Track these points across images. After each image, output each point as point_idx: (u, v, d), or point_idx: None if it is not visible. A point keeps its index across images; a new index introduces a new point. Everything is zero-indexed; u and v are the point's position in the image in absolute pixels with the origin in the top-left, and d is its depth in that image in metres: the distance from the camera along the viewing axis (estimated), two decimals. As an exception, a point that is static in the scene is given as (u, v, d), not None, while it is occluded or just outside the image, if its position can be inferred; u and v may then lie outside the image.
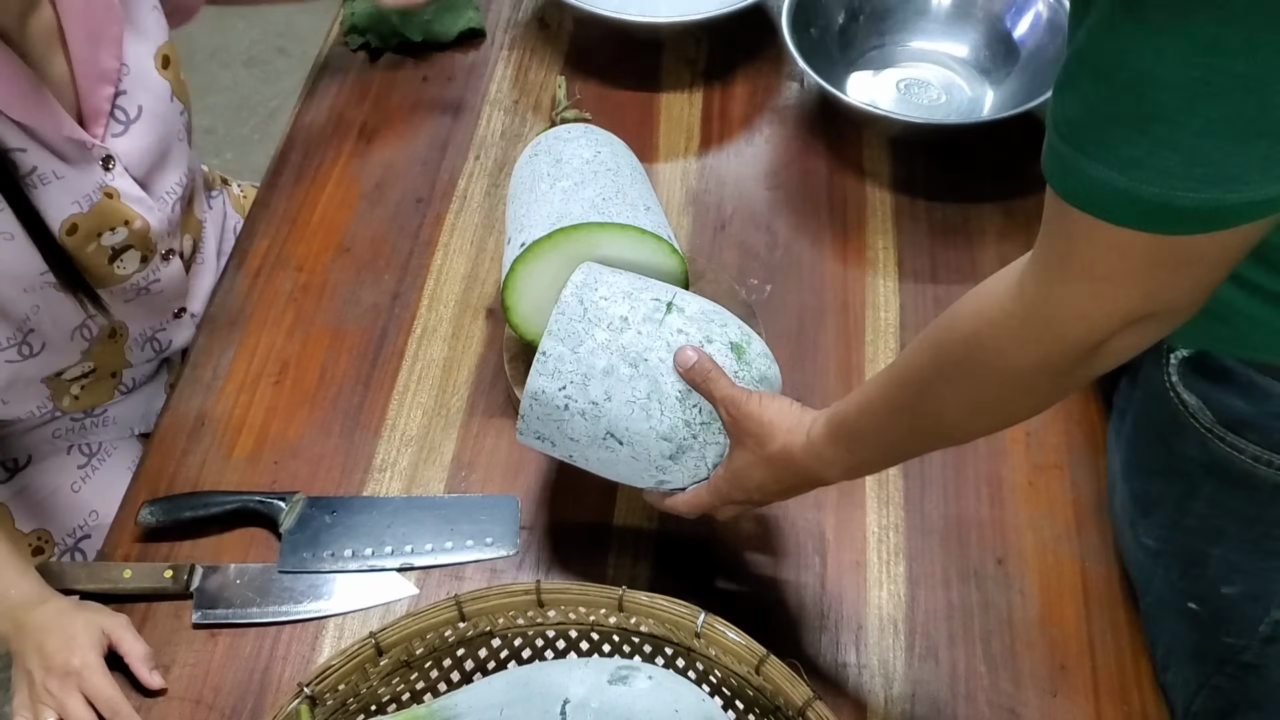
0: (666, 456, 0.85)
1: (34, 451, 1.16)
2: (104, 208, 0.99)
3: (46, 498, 1.16)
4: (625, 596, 0.80)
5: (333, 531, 1.00)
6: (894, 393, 0.74)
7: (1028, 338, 0.63)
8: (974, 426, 0.73)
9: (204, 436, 1.07)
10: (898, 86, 1.35)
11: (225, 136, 2.62)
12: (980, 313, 0.66)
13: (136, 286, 1.08)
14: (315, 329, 1.15)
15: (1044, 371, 0.64)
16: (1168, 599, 0.86)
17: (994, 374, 0.66)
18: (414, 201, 1.26)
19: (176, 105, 1.06)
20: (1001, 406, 0.69)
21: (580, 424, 0.86)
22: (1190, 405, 0.77)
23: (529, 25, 1.45)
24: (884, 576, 0.97)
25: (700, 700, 0.76)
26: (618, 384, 0.85)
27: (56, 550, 1.16)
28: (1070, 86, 0.54)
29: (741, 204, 1.25)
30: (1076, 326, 0.60)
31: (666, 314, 0.87)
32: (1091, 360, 0.62)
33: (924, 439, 0.77)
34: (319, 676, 0.78)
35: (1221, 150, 0.50)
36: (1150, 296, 0.58)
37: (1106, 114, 0.52)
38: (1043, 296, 0.61)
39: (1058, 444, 1.05)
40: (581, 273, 0.89)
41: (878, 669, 0.92)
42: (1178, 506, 0.82)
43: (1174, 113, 0.49)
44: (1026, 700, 0.90)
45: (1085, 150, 0.53)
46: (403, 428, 1.07)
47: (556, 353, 0.86)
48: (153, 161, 1.04)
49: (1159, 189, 0.52)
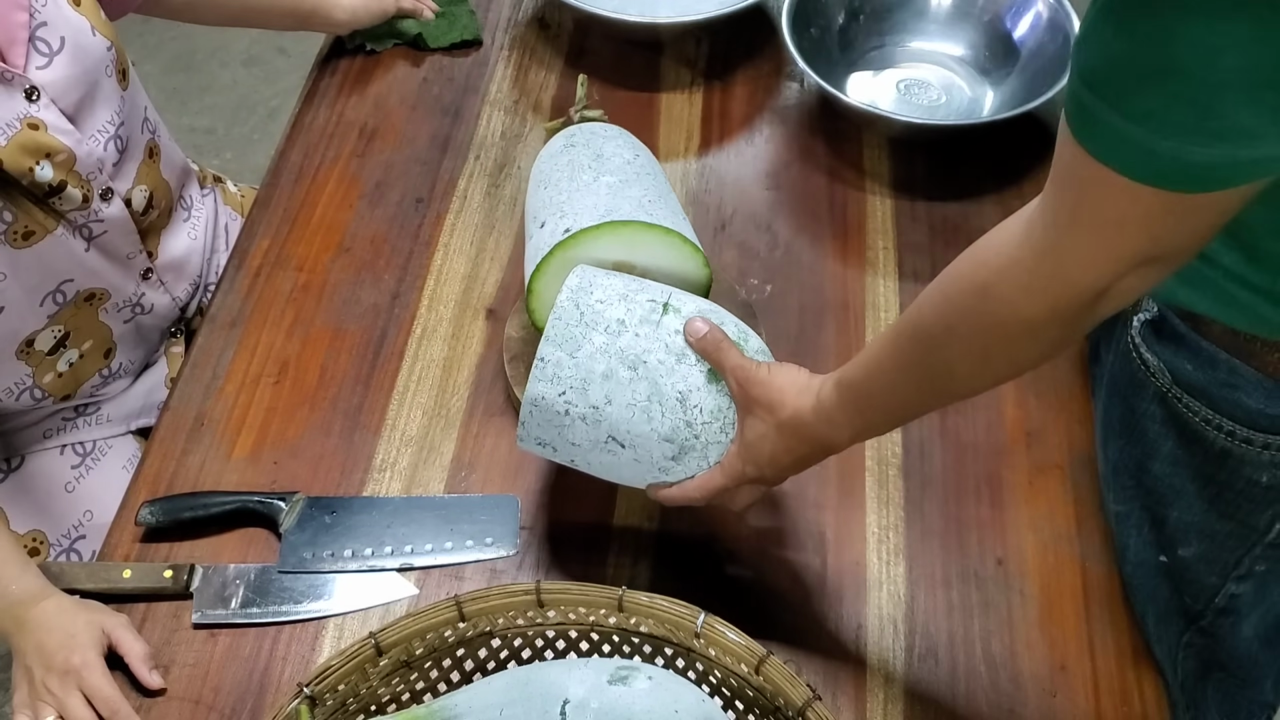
0: (669, 458, 0.85)
1: (27, 452, 1.15)
2: (25, 139, 0.97)
3: (41, 498, 1.16)
4: (625, 597, 0.80)
5: (332, 532, 1.00)
6: (902, 350, 0.74)
7: (1036, 286, 0.63)
8: (983, 378, 0.73)
9: (204, 436, 1.07)
10: (898, 87, 1.35)
11: (225, 136, 2.62)
12: (987, 263, 0.66)
13: (78, 225, 1.06)
14: (315, 329, 1.15)
15: (1053, 319, 0.64)
16: (1143, 557, 0.89)
17: (1002, 324, 0.66)
18: (414, 201, 1.26)
19: (101, 40, 1.05)
20: (1010, 356, 0.70)
21: (581, 429, 0.86)
22: (1151, 365, 0.80)
23: (529, 25, 1.45)
24: (884, 576, 0.97)
25: (700, 700, 0.76)
26: (617, 387, 0.85)
27: (52, 551, 1.16)
28: (1094, 36, 0.55)
29: (741, 204, 1.25)
30: (1085, 273, 0.61)
31: (663, 315, 0.87)
32: (1097, 306, 0.64)
33: (933, 395, 0.77)
34: (319, 676, 0.78)
35: (1234, 104, 0.51)
36: (1156, 241, 0.59)
37: (1127, 65, 0.53)
38: (1051, 243, 0.62)
39: (1058, 444, 1.05)
40: (576, 276, 0.89)
41: (878, 669, 0.92)
42: (1139, 466, 0.84)
43: (1191, 66, 0.50)
44: (1026, 701, 0.90)
45: (1108, 99, 0.54)
46: (403, 428, 1.07)
47: (555, 358, 0.85)
48: (80, 95, 1.03)
49: (1173, 142, 0.52)
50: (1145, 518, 0.86)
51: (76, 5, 1.03)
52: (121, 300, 1.15)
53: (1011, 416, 1.07)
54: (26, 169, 0.97)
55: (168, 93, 2.66)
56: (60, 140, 1.00)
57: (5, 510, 1.14)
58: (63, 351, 1.11)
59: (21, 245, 1.01)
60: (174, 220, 1.22)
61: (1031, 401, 1.07)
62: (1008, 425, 1.06)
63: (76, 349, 1.12)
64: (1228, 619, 0.84)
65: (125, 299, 1.15)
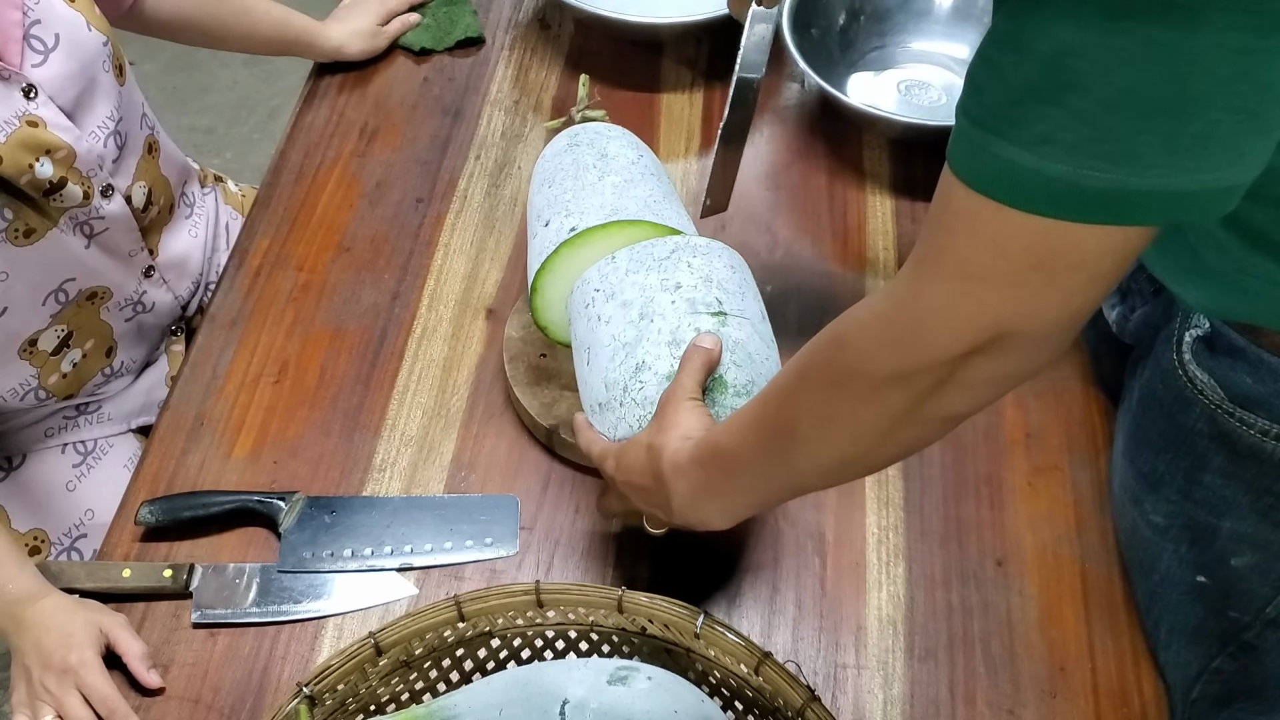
0: (598, 402, 0.89)
1: (28, 450, 1.15)
2: (24, 136, 0.97)
3: (42, 497, 1.16)
4: (625, 597, 0.80)
5: (332, 531, 1.00)
6: (758, 406, 0.72)
7: (888, 338, 0.61)
8: (823, 451, 0.69)
9: (203, 436, 1.07)
10: (898, 88, 1.35)
11: (225, 136, 2.62)
12: (851, 314, 0.65)
13: (78, 221, 1.06)
14: (315, 329, 1.15)
15: (897, 382, 0.62)
16: (1175, 574, 0.87)
17: (849, 377, 0.64)
18: (414, 201, 1.26)
19: (96, 35, 1.04)
20: (851, 425, 0.66)
21: (583, 325, 0.92)
22: (1200, 382, 0.79)
23: (529, 26, 1.45)
24: (883, 577, 0.97)
25: (700, 701, 0.76)
26: (621, 317, 0.89)
27: (53, 550, 1.16)
28: (987, 69, 0.54)
29: (742, 204, 1.25)
30: (939, 330, 0.59)
31: (711, 315, 0.88)
32: (946, 383, 0.61)
33: (772, 466, 0.72)
34: (318, 676, 0.78)
35: (1128, 124, 0.50)
36: (1018, 304, 0.57)
37: (1023, 88, 0.52)
38: (912, 294, 0.60)
39: (1058, 445, 1.05)
40: (706, 242, 0.93)
41: (877, 670, 0.92)
42: (1187, 479, 0.83)
43: (1088, 80, 0.50)
44: (1026, 702, 0.90)
45: (997, 130, 0.53)
46: (402, 428, 1.07)
47: (618, 263, 0.92)
48: (78, 91, 1.03)
49: (1067, 166, 0.52)
50: (1187, 534, 0.85)
51: (71, 1, 1.03)
52: (123, 299, 1.15)
53: (1011, 417, 1.07)
54: (26, 166, 0.97)
55: (168, 92, 2.66)
56: (60, 137, 1.00)
57: (6, 509, 1.14)
58: (66, 351, 1.11)
59: (23, 244, 1.01)
60: (175, 218, 1.22)
61: (1031, 402, 1.07)
62: (1007, 426, 1.06)
63: (79, 349, 1.12)
64: (1276, 632, 0.83)
65: (126, 297, 1.15)
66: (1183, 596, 0.87)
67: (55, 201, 1.02)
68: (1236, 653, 0.85)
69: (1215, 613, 0.85)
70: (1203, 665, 0.87)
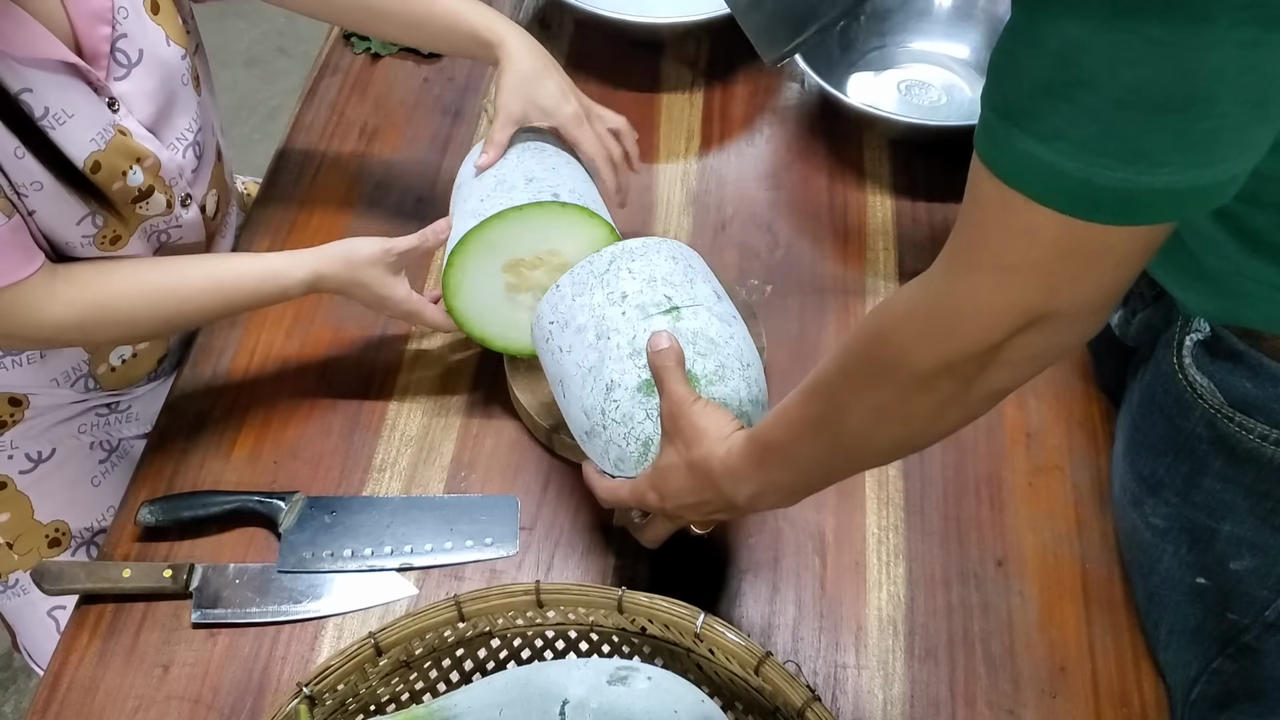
0: (583, 430, 0.89)
1: (59, 445, 1.16)
2: (119, 144, 0.98)
3: (67, 491, 1.16)
4: (625, 597, 0.80)
5: (332, 531, 1.00)
6: (806, 403, 0.73)
7: (928, 333, 0.63)
8: (878, 436, 0.71)
9: (203, 436, 1.07)
10: (898, 88, 1.35)
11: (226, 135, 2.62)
12: (888, 308, 0.66)
13: (158, 230, 1.07)
14: (315, 329, 1.15)
15: (944, 371, 0.63)
16: (1175, 576, 0.87)
17: (894, 371, 0.65)
18: (414, 201, 1.26)
19: (175, 49, 1.05)
20: (903, 412, 0.67)
21: (549, 359, 0.93)
22: (1199, 386, 0.79)
23: (529, 26, 1.45)
24: (884, 577, 0.97)
25: (700, 701, 0.76)
26: (579, 343, 0.89)
27: (73, 543, 1.17)
28: (1006, 60, 0.55)
29: (742, 205, 1.25)
30: (977, 320, 0.60)
31: (663, 314, 0.87)
32: (990, 365, 0.62)
33: (832, 453, 0.74)
34: (318, 676, 0.78)
35: (1136, 123, 0.51)
36: (1052, 291, 0.58)
37: (1037, 83, 0.53)
38: (947, 287, 0.61)
39: (1058, 445, 1.05)
40: (641, 242, 0.92)
41: (877, 670, 0.92)
42: (1187, 482, 0.83)
43: (1097, 77, 0.50)
44: (1026, 702, 0.90)
45: (1017, 122, 0.54)
46: (402, 428, 1.07)
47: (563, 290, 0.91)
48: (159, 105, 1.03)
49: (1079, 163, 0.52)
50: (1186, 536, 0.85)
51: (154, 14, 1.03)
52: None
53: (1011, 417, 1.07)
54: (120, 173, 0.98)
55: (168, 92, 2.66)
56: (146, 146, 1.01)
57: (31, 499, 1.14)
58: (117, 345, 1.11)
59: (109, 250, 1.01)
60: (227, 223, 1.23)
61: (1031, 403, 1.07)
62: (1007, 426, 1.06)
63: (131, 347, 1.12)
64: (1275, 635, 0.83)
65: None
66: (1182, 598, 0.87)
67: (141, 210, 1.03)
68: (1236, 655, 0.85)
69: (1215, 615, 0.85)
70: (1202, 667, 0.87)
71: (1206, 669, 0.87)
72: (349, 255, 1.03)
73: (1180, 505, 0.84)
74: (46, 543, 1.15)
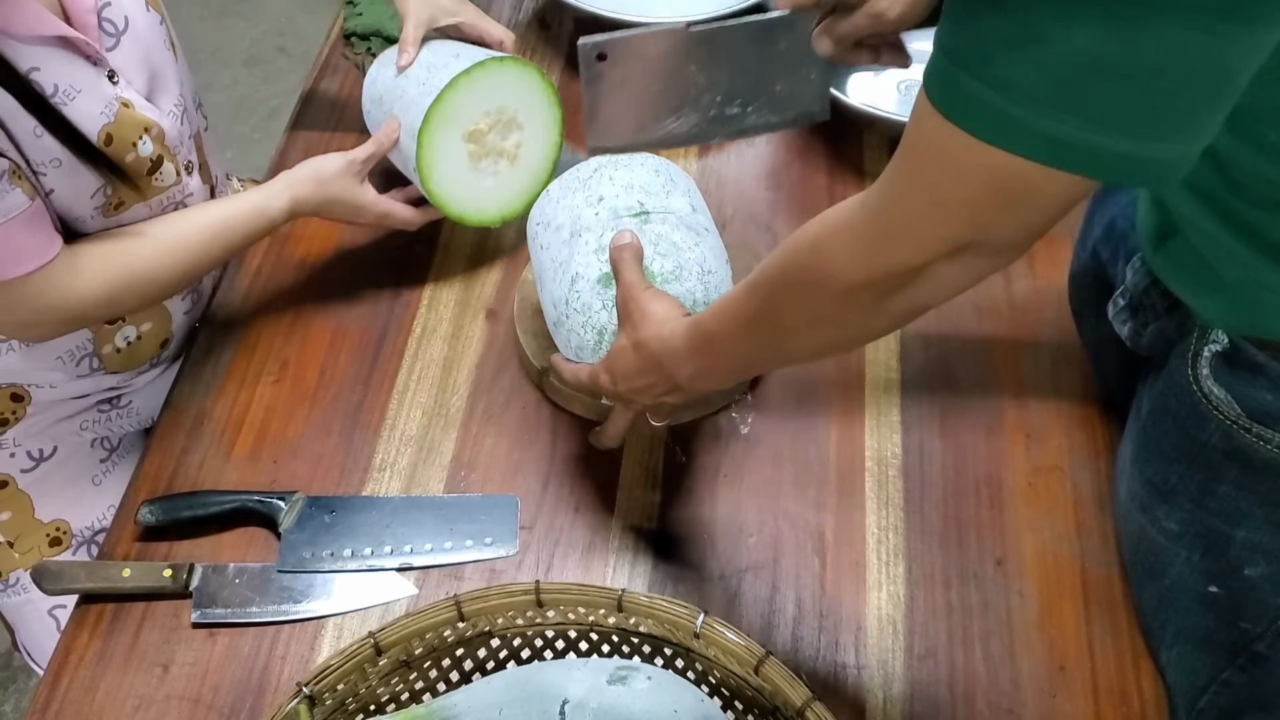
0: (552, 321, 0.98)
1: (61, 443, 1.16)
2: (125, 116, 0.98)
3: (68, 490, 1.16)
4: (625, 596, 0.80)
5: (332, 531, 1.00)
6: (747, 299, 0.77)
7: (859, 248, 0.67)
8: (812, 341, 0.77)
9: (203, 435, 1.07)
10: (898, 88, 1.35)
11: (225, 136, 2.62)
12: (825, 221, 0.71)
13: (174, 200, 1.07)
14: (315, 328, 1.15)
15: (869, 285, 0.67)
16: (1187, 582, 0.87)
17: (826, 281, 0.69)
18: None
19: (154, 15, 1.05)
20: (832, 319, 0.72)
21: (535, 258, 1.03)
22: (1216, 398, 0.79)
23: (529, 26, 1.45)
24: (883, 577, 0.97)
25: (699, 700, 0.76)
26: (556, 240, 0.99)
27: (74, 543, 1.16)
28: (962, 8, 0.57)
29: (742, 204, 1.25)
30: (906, 244, 0.65)
31: (633, 217, 0.96)
32: (914, 285, 0.66)
33: (768, 349, 0.80)
34: (318, 676, 0.78)
35: (1085, 82, 0.53)
36: (979, 227, 0.62)
37: (992, 34, 0.55)
38: (881, 209, 0.66)
39: (1058, 445, 1.05)
40: (629, 155, 1.00)
41: (877, 669, 0.92)
42: (1201, 489, 0.83)
43: (1051, 36, 0.53)
44: (1025, 701, 0.90)
45: (967, 67, 0.56)
46: (402, 428, 1.07)
47: (550, 194, 1.02)
48: (149, 72, 1.03)
49: (1026, 111, 0.55)
50: (1200, 542, 0.85)
51: None
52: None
53: (1011, 417, 1.07)
54: (131, 145, 0.98)
55: (168, 92, 2.66)
56: (150, 116, 1.01)
57: (32, 497, 1.14)
58: (121, 325, 1.11)
59: (113, 215, 1.02)
60: None
61: (1031, 403, 1.07)
62: (1007, 426, 1.06)
63: (135, 326, 1.12)
64: None
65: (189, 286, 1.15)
66: (1193, 604, 0.87)
67: (156, 181, 1.03)
68: (1247, 664, 0.85)
69: (1226, 623, 0.85)
70: (1211, 676, 0.87)
71: (1215, 679, 0.87)
72: (318, 174, 1.09)
73: (1194, 511, 0.84)
74: (47, 542, 1.15)
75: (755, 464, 1.04)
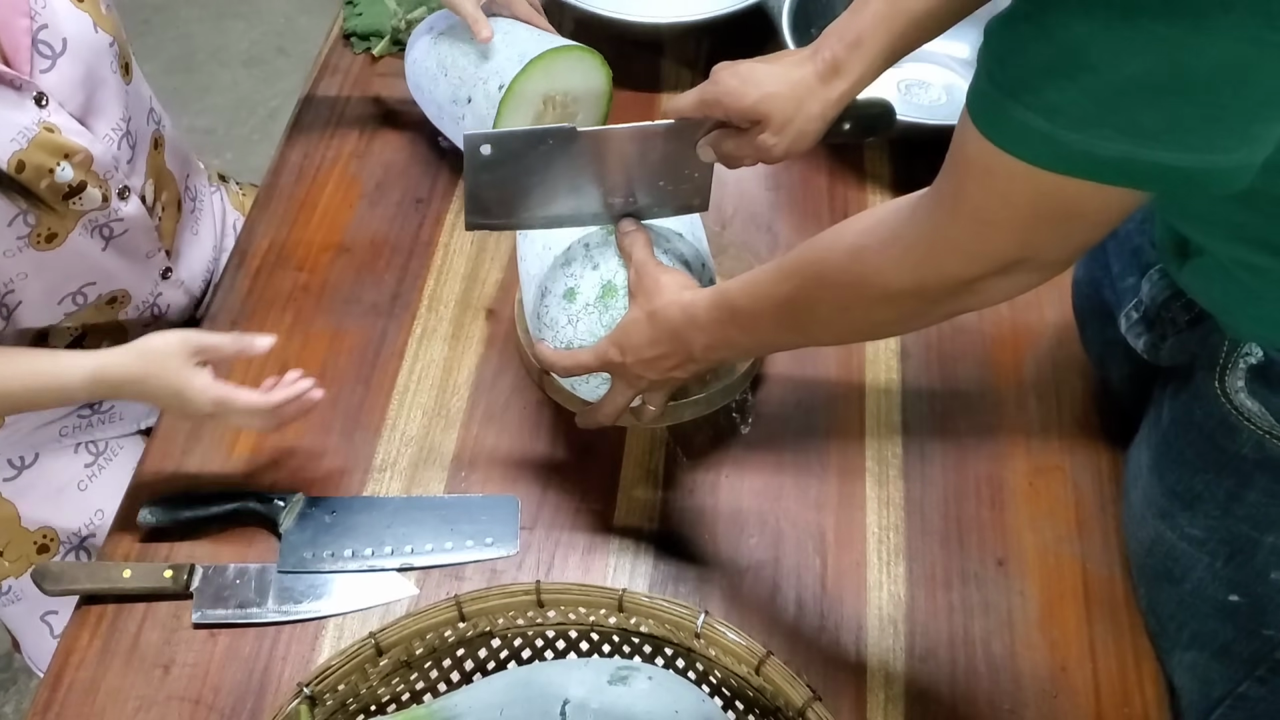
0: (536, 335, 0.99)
1: (41, 449, 1.15)
2: (44, 140, 0.97)
3: (53, 496, 1.16)
4: (625, 596, 0.80)
5: (332, 531, 1.00)
6: (778, 283, 0.79)
7: (908, 263, 0.69)
8: (841, 328, 0.80)
9: (204, 436, 1.07)
10: (898, 87, 1.35)
11: (225, 136, 2.62)
12: (870, 230, 0.71)
13: (99, 224, 1.06)
14: (315, 329, 1.15)
15: (916, 295, 0.70)
16: (1208, 589, 0.86)
17: (866, 286, 0.72)
18: (414, 201, 1.26)
19: (103, 37, 1.04)
20: (868, 316, 0.75)
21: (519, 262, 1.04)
22: (1248, 409, 0.79)
23: (529, 25, 1.45)
24: (884, 577, 0.97)
25: (700, 701, 0.76)
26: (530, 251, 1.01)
27: (62, 549, 1.16)
28: (1009, 38, 0.58)
29: (742, 204, 1.25)
30: (955, 261, 0.67)
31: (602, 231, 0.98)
32: (962, 295, 0.69)
33: (791, 333, 0.83)
34: (319, 676, 0.78)
35: (1136, 105, 0.54)
36: (1026, 245, 0.64)
37: (1041, 65, 0.56)
38: (931, 228, 0.67)
39: (1059, 445, 1.05)
40: None
41: (878, 669, 0.92)
42: (1229, 496, 0.83)
43: (1100, 65, 0.53)
44: (1027, 702, 0.90)
45: (1014, 94, 0.57)
46: (403, 428, 1.07)
47: None
48: (86, 94, 1.03)
49: (1078, 135, 0.55)
50: (1225, 548, 0.84)
51: (79, 2, 1.02)
52: (140, 301, 1.15)
53: (1012, 417, 1.07)
54: (47, 170, 0.97)
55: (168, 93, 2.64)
56: (76, 141, 1.00)
57: (16, 506, 1.14)
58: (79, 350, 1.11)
59: (45, 248, 1.01)
60: (184, 215, 1.22)
61: (1032, 403, 1.07)
62: (1008, 426, 1.06)
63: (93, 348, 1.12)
64: None
65: (144, 300, 1.15)
66: (1212, 612, 0.86)
67: (75, 205, 1.02)
68: (1267, 675, 0.85)
69: (1246, 633, 0.84)
70: (1227, 689, 0.86)
71: (1232, 692, 0.86)
72: (141, 345, 0.96)
73: (1221, 518, 0.84)
74: (35, 549, 1.14)
75: (756, 464, 1.04)
